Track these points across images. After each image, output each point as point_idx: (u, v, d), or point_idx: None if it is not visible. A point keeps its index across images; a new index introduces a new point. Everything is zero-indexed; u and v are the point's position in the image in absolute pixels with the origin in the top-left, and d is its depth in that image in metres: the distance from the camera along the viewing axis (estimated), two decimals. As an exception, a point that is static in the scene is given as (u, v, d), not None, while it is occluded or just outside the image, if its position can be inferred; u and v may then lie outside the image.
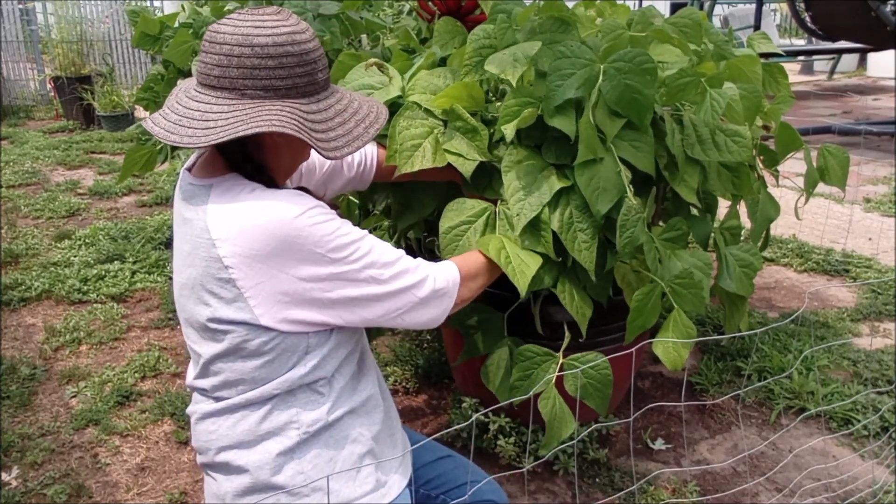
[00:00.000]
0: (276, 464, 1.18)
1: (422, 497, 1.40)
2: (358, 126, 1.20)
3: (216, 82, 1.13)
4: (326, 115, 1.17)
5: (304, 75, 1.14)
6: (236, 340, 1.15)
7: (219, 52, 1.12)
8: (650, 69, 1.50)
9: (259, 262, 1.10)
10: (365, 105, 1.24)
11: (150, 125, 1.17)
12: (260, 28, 1.11)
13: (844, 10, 6.45)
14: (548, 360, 1.61)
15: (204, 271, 1.13)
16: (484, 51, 1.67)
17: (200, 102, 1.14)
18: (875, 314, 3.04)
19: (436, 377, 2.59)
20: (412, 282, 1.21)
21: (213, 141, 1.09)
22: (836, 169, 2.00)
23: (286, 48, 1.11)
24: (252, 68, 1.11)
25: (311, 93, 1.16)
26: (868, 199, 4.57)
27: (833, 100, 8.34)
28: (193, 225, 1.16)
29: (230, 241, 1.10)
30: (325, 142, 1.14)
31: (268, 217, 1.10)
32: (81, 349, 2.87)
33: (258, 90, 1.12)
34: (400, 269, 1.20)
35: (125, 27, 8.63)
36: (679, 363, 1.58)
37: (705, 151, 1.67)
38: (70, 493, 2.06)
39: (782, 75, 2.06)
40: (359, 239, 1.16)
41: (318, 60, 1.16)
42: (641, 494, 2.00)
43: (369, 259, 1.16)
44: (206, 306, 1.15)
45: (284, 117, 1.10)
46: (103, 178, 5.37)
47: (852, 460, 2.15)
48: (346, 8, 2.48)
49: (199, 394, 1.26)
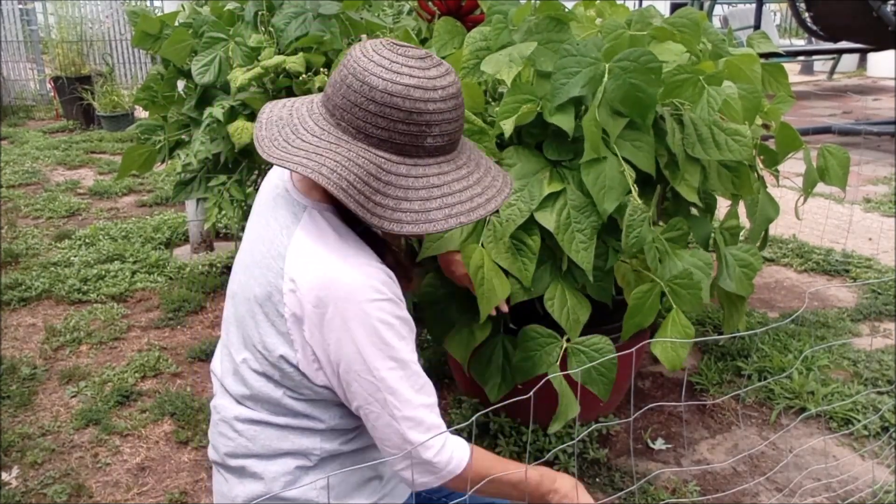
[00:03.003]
0: (293, 477, 1.17)
1: (423, 500, 1.40)
2: (449, 208, 1.06)
3: (327, 102, 1.08)
4: (417, 183, 1.05)
5: (406, 134, 1.03)
6: (273, 369, 1.13)
7: (339, 73, 1.06)
8: (655, 68, 1.51)
9: (312, 316, 1.07)
10: (479, 186, 1.10)
11: (263, 111, 1.12)
12: (381, 69, 1.03)
13: (845, 10, 6.44)
14: (552, 342, 1.61)
15: (267, 294, 1.11)
16: (481, 53, 1.67)
17: (311, 114, 1.09)
18: (875, 314, 3.04)
19: (436, 377, 2.59)
20: (418, 439, 1.09)
21: (275, 160, 1.05)
22: (836, 169, 2.01)
23: (395, 100, 1.02)
24: (355, 105, 1.04)
25: (410, 153, 1.05)
26: (868, 199, 4.57)
27: (833, 100, 8.34)
28: (275, 241, 1.12)
29: (298, 283, 1.07)
30: (383, 208, 1.03)
31: (341, 284, 1.06)
32: (81, 349, 2.87)
33: (353, 128, 1.05)
34: (420, 416, 1.10)
35: (125, 27, 8.63)
36: (678, 363, 1.58)
37: (705, 150, 1.67)
38: (70, 493, 2.06)
39: (782, 75, 2.06)
40: (402, 362, 1.08)
41: (437, 125, 1.04)
42: (641, 494, 2.00)
43: (396, 385, 1.08)
44: (257, 328, 1.13)
45: (345, 167, 1.02)
46: (103, 178, 5.37)
47: (852, 460, 2.15)
48: (347, 8, 2.48)
49: (223, 390, 1.24)
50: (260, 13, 2.47)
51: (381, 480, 1.24)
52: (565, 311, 1.65)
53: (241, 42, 2.43)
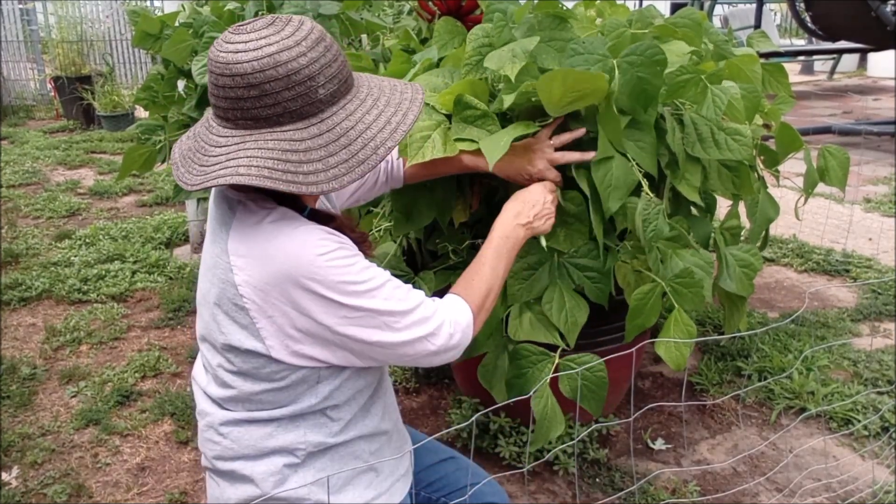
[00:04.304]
0: (282, 476, 1.17)
1: (423, 500, 1.40)
2: (372, 141, 1.06)
3: (216, 111, 1.08)
4: (331, 135, 1.05)
5: (295, 98, 1.03)
6: (246, 366, 1.13)
7: (210, 79, 1.06)
8: (661, 60, 1.52)
9: (272, 297, 1.07)
10: (391, 106, 1.11)
11: (174, 150, 1.13)
12: (241, 53, 1.02)
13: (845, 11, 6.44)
14: (543, 359, 1.61)
15: (221, 292, 1.11)
16: (483, 49, 1.67)
17: (209, 129, 1.10)
18: (875, 314, 3.04)
19: (436, 377, 2.59)
20: (427, 332, 1.15)
21: (197, 186, 1.05)
22: (836, 170, 2.00)
23: (269, 73, 1.01)
24: (236, 99, 1.03)
25: (310, 113, 1.05)
26: (868, 200, 4.57)
27: (833, 100, 8.35)
28: (217, 240, 1.13)
29: (246, 270, 1.08)
30: (314, 174, 1.03)
31: (285, 254, 1.06)
32: (81, 349, 2.87)
33: (248, 120, 1.04)
34: (416, 318, 1.14)
35: (125, 27, 8.63)
36: (681, 362, 1.58)
37: (705, 150, 1.67)
38: (70, 493, 2.06)
39: (782, 75, 2.06)
40: (377, 287, 1.10)
41: (317, 75, 1.03)
42: (641, 494, 2.00)
43: (386, 307, 1.10)
44: (220, 329, 1.13)
45: (258, 158, 1.02)
46: (103, 177, 5.37)
47: (852, 460, 2.15)
48: (347, 8, 2.48)
49: (203, 396, 1.24)
50: (260, 13, 2.47)
51: (378, 475, 1.23)
52: (563, 313, 1.65)
53: (242, 42, 2.43)
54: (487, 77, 1.69)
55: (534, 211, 1.44)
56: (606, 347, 1.91)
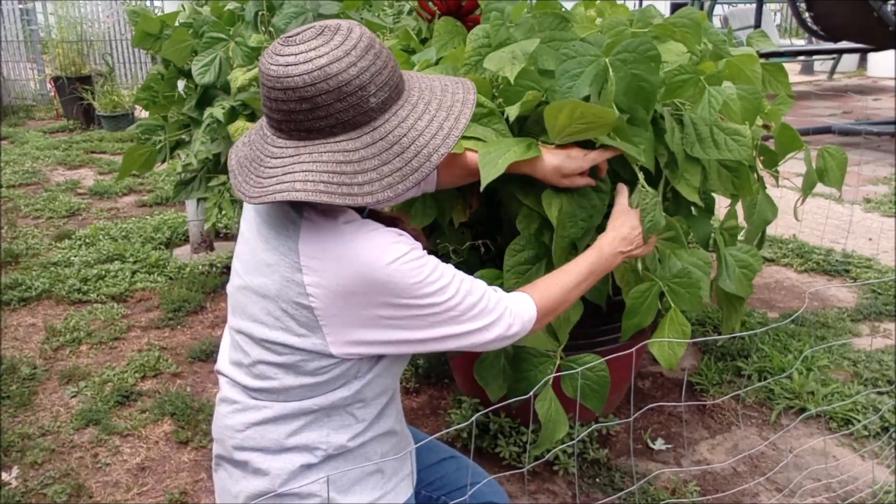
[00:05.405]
0: (297, 474, 1.17)
1: (423, 499, 1.40)
2: (426, 147, 1.07)
3: (270, 121, 1.09)
4: (385, 143, 1.05)
5: (347, 109, 1.03)
6: (293, 360, 1.13)
7: (264, 94, 1.06)
8: (654, 56, 1.51)
9: (343, 298, 1.08)
10: (442, 110, 1.11)
11: (231, 156, 1.14)
12: (291, 67, 1.02)
13: (846, 11, 6.45)
14: (545, 361, 1.61)
15: (281, 289, 1.11)
16: (483, 50, 1.66)
17: (264, 139, 1.10)
18: (875, 314, 3.04)
19: (436, 377, 2.59)
20: (488, 322, 1.17)
21: (256, 200, 1.06)
22: (834, 170, 2.00)
23: (320, 86, 1.01)
24: (289, 112, 1.04)
25: (363, 122, 1.05)
26: (868, 200, 4.57)
27: (833, 100, 8.35)
28: (281, 238, 1.12)
29: (318, 272, 1.08)
30: (369, 184, 1.04)
31: (361, 260, 1.07)
32: (81, 349, 2.87)
33: (301, 132, 1.05)
34: (480, 308, 1.16)
35: (125, 27, 8.63)
36: (674, 362, 1.58)
37: (705, 150, 1.67)
38: (70, 493, 2.06)
39: (782, 75, 2.06)
40: (447, 284, 1.12)
41: (368, 84, 1.03)
42: (641, 494, 2.00)
43: (453, 302, 1.12)
44: (270, 325, 1.13)
45: (313, 172, 1.03)
46: (103, 177, 5.37)
47: (852, 460, 2.15)
48: (347, 8, 2.48)
49: (232, 384, 1.23)
50: (260, 13, 2.47)
51: (384, 476, 1.24)
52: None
53: (242, 42, 2.43)
54: (487, 77, 1.69)
55: (637, 240, 1.46)
56: (606, 348, 1.91)
